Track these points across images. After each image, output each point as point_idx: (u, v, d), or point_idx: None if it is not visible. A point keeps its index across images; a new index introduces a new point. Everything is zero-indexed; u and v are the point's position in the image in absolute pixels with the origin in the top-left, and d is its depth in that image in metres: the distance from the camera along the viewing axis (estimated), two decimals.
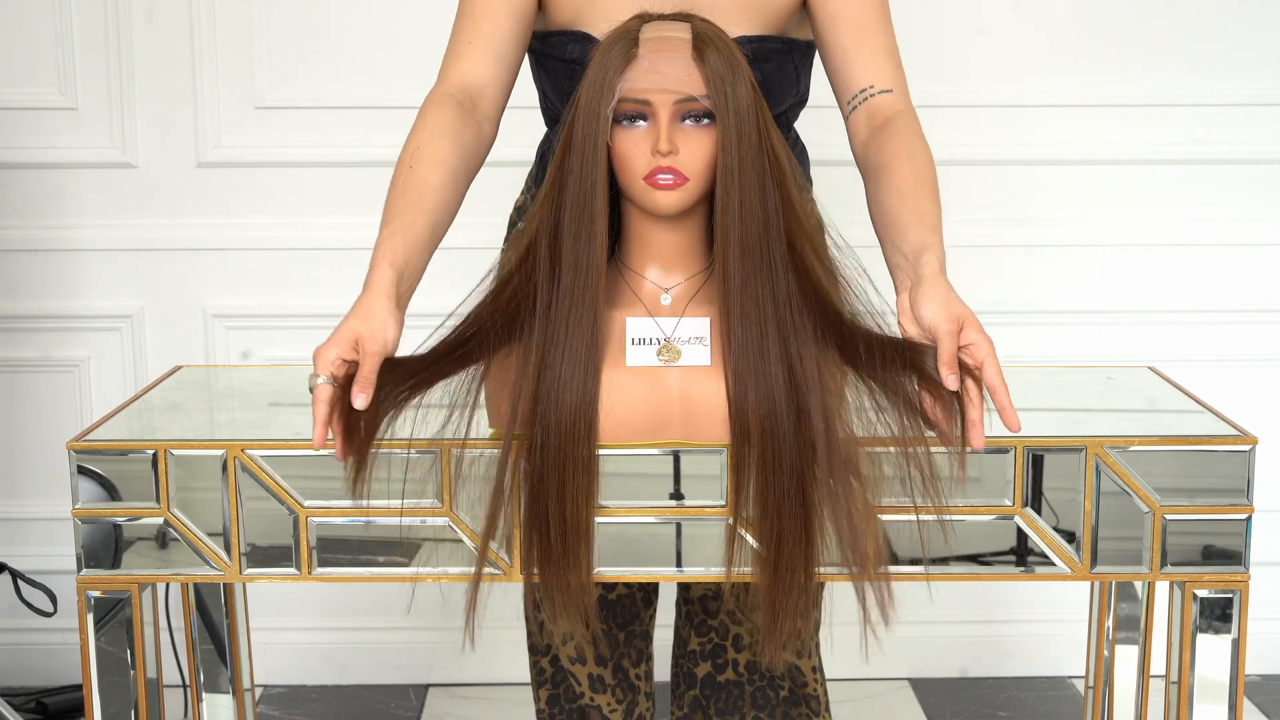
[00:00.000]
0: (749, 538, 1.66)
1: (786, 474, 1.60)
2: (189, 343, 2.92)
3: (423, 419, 1.64)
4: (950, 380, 1.56)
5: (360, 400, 1.57)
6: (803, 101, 2.00)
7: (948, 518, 1.71)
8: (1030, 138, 2.91)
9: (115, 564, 1.75)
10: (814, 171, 2.12)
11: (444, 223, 1.74)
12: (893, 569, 1.73)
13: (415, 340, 2.88)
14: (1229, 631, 1.75)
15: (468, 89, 1.81)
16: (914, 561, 1.73)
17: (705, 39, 1.62)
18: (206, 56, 2.85)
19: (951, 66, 2.88)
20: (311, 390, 1.58)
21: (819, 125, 2.15)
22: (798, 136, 2.05)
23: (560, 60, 1.87)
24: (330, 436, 1.58)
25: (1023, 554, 1.74)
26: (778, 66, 1.89)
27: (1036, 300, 2.95)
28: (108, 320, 2.94)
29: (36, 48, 2.85)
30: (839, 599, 2.91)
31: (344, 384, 1.59)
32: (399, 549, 1.73)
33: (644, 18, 1.66)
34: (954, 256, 2.98)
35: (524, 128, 2.06)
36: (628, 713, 2.13)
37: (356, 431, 1.59)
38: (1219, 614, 1.75)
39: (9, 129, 2.87)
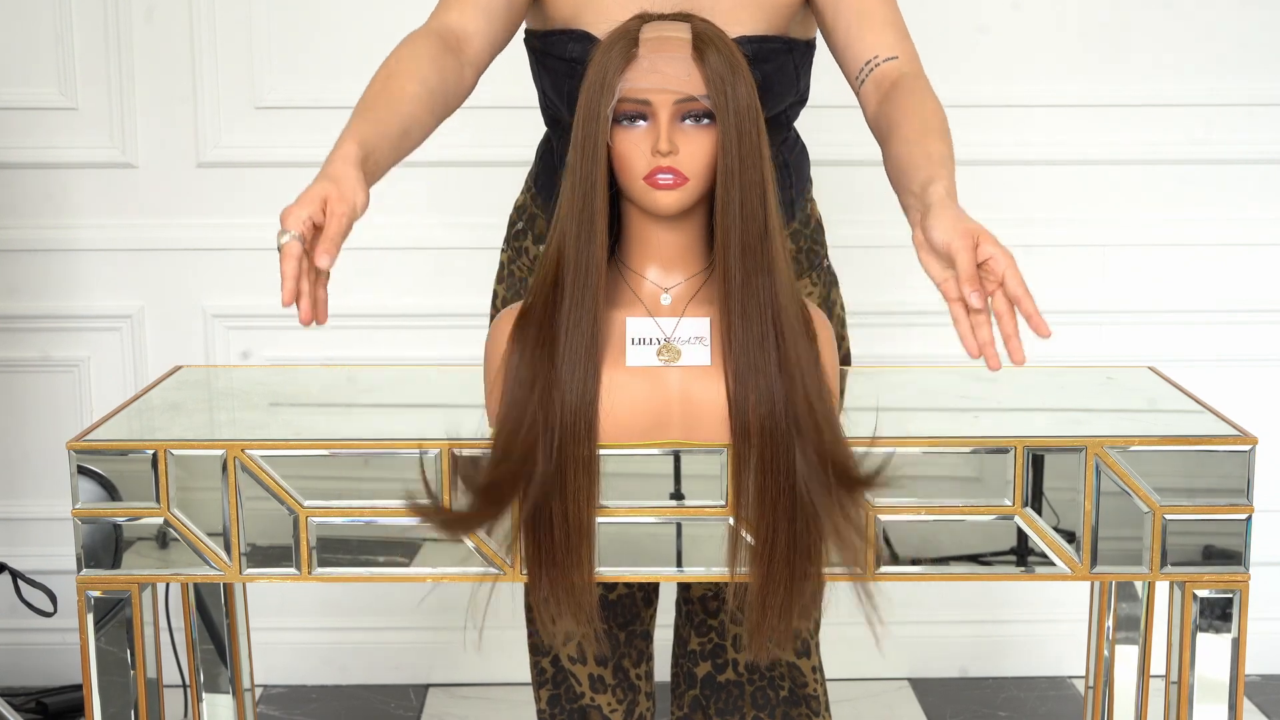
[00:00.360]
0: (749, 537, 1.66)
1: (784, 474, 1.60)
2: (189, 343, 2.92)
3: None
4: (974, 298, 1.53)
5: (324, 260, 1.54)
6: (802, 101, 2.00)
7: (947, 518, 1.71)
8: (1030, 138, 2.91)
9: (115, 564, 1.75)
10: (814, 171, 2.12)
11: (415, 133, 1.71)
12: (893, 569, 1.73)
13: (412, 341, 2.87)
14: (1229, 631, 1.75)
15: (456, 32, 1.81)
16: (914, 561, 1.73)
17: (705, 39, 1.62)
18: (206, 56, 2.85)
19: (951, 66, 2.88)
20: (279, 249, 1.54)
21: (819, 125, 2.15)
22: (798, 136, 2.05)
23: (560, 59, 1.87)
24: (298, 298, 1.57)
25: (1023, 554, 1.74)
26: (778, 66, 1.89)
27: (1037, 300, 2.94)
28: (108, 320, 2.94)
29: (36, 48, 2.85)
30: (839, 599, 2.91)
31: (311, 244, 1.55)
32: (399, 549, 1.73)
33: (644, 17, 1.66)
34: None
35: (524, 128, 2.06)
36: (628, 713, 2.13)
37: (323, 292, 1.57)
38: (1219, 614, 1.75)
39: (9, 129, 2.87)
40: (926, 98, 1.76)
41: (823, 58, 1.98)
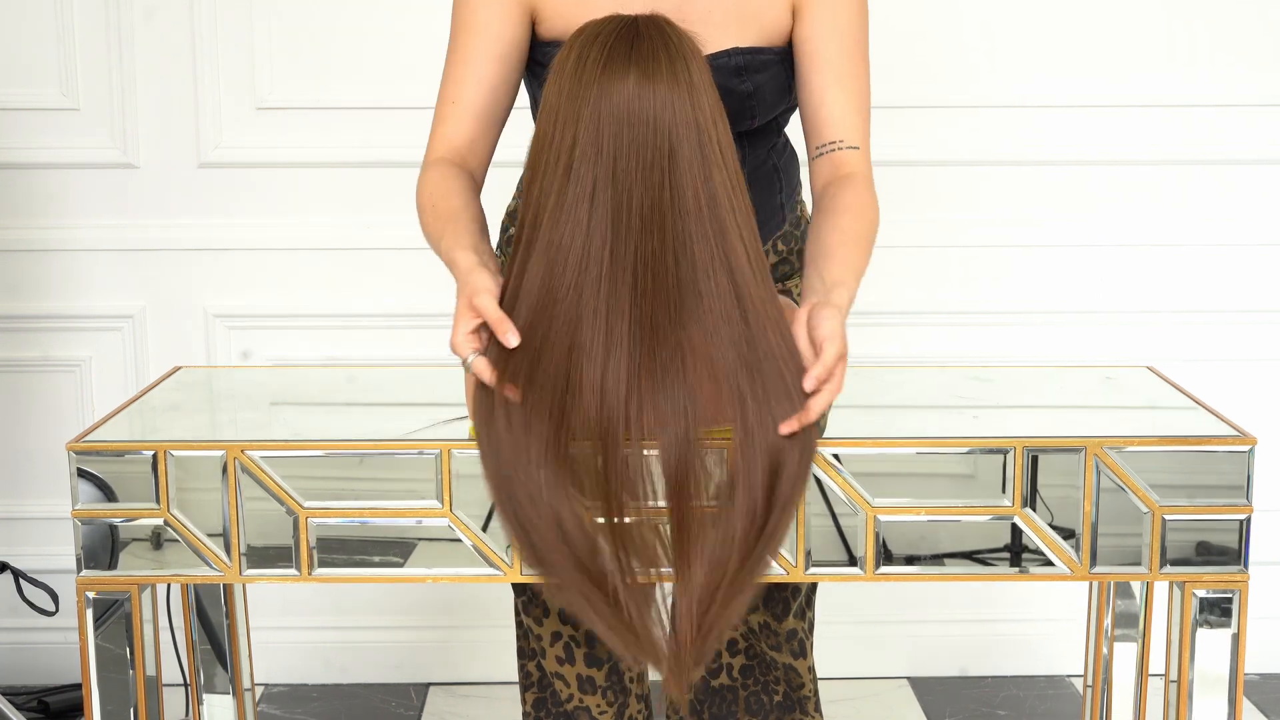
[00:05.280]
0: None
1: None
2: (189, 343, 2.93)
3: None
4: (810, 384, 1.61)
5: (512, 337, 1.61)
6: (794, 107, 2.00)
7: (947, 518, 1.72)
8: (1030, 138, 2.91)
9: (115, 565, 1.75)
10: (804, 174, 2.12)
11: (485, 227, 1.81)
12: (892, 569, 1.73)
13: (412, 341, 2.87)
14: (1228, 631, 1.75)
15: (456, 151, 1.87)
16: (913, 561, 1.73)
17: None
18: (207, 57, 2.85)
19: (951, 66, 2.88)
20: (471, 369, 1.63)
21: None
22: (787, 140, 2.06)
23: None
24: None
25: (1021, 554, 1.74)
26: (770, 77, 1.89)
27: (1036, 300, 2.95)
28: (108, 320, 2.94)
29: (37, 48, 2.85)
30: (836, 599, 2.92)
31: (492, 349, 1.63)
32: (399, 549, 1.73)
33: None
34: (954, 256, 3.00)
35: (519, 129, 2.06)
36: (618, 715, 2.13)
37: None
38: (1218, 613, 1.75)
39: (9, 129, 2.87)
40: (869, 208, 1.85)
41: None
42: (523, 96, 1.99)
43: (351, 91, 2.87)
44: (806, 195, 2.16)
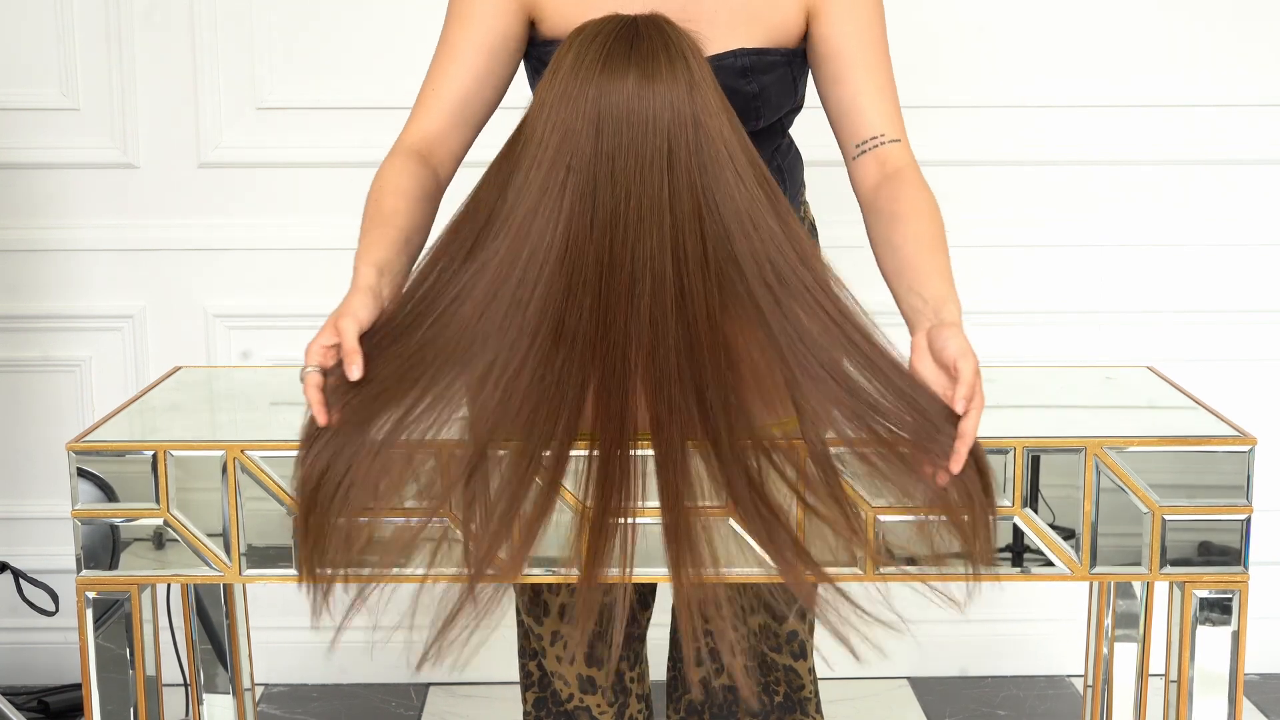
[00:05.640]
0: (743, 532, 1.66)
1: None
2: (189, 343, 2.93)
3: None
4: (960, 406, 1.60)
5: (353, 371, 1.61)
6: (799, 108, 2.00)
7: (946, 518, 1.71)
8: (1030, 138, 2.91)
9: (115, 565, 1.75)
10: (810, 172, 2.12)
11: (416, 239, 1.80)
12: (892, 569, 1.73)
13: None
14: (1228, 631, 1.75)
15: (425, 141, 1.87)
16: (911, 561, 1.73)
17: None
18: (207, 56, 2.85)
19: (952, 66, 2.88)
20: (303, 380, 1.62)
21: (815, 127, 2.15)
22: (792, 141, 2.06)
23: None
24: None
25: (1020, 553, 1.74)
26: (777, 78, 1.89)
27: (1036, 300, 2.95)
28: (108, 320, 2.94)
29: (37, 48, 2.85)
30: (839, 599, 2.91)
31: (336, 369, 1.63)
32: (398, 550, 1.73)
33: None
34: (955, 256, 2.99)
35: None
36: (618, 715, 2.13)
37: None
38: (1218, 614, 1.75)
39: (9, 129, 2.87)
40: (931, 203, 1.83)
41: None
42: (524, 97, 1.98)
43: (351, 91, 2.87)
44: (810, 197, 2.16)
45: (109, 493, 1.74)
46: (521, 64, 1.94)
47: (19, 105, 2.86)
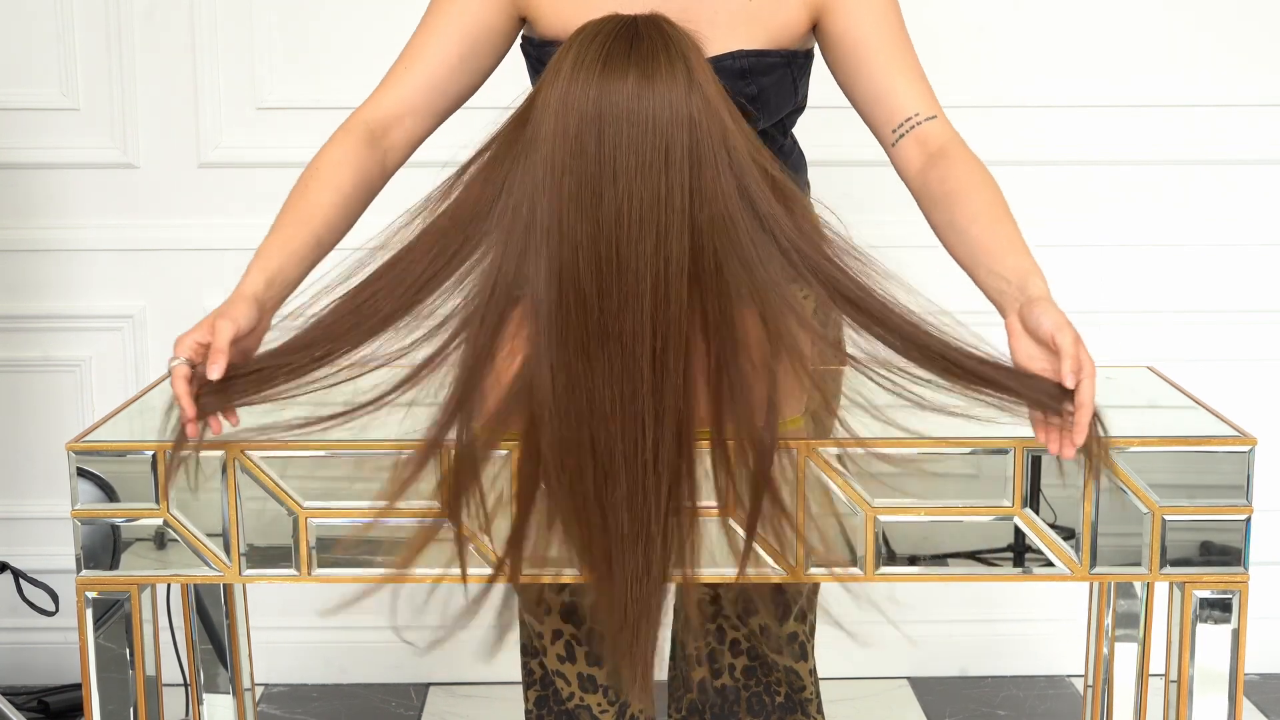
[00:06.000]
0: (741, 533, 1.66)
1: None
2: None
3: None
4: (1072, 379, 1.60)
5: (214, 370, 1.65)
6: (801, 109, 1.99)
7: (946, 518, 1.71)
8: (1031, 138, 2.91)
9: (115, 565, 1.75)
10: (814, 172, 2.12)
11: (328, 241, 1.83)
12: (892, 569, 1.73)
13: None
14: (1228, 631, 1.75)
15: (383, 120, 1.88)
16: (913, 561, 1.73)
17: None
18: (207, 56, 2.85)
19: (952, 66, 2.88)
20: (170, 371, 1.66)
21: (818, 127, 2.15)
22: (795, 143, 2.05)
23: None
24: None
25: (1022, 554, 1.74)
26: (776, 80, 1.89)
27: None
28: (108, 320, 2.94)
29: (37, 48, 2.85)
30: (835, 598, 2.91)
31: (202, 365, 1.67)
32: (399, 549, 1.73)
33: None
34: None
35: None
36: (620, 713, 2.13)
37: (212, 411, 1.67)
38: (1218, 614, 1.75)
39: (9, 129, 2.87)
40: (985, 175, 1.80)
41: (820, 62, 1.98)
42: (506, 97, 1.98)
43: (351, 91, 2.85)
44: (817, 196, 2.16)
45: (109, 493, 1.74)
46: (514, 64, 1.94)
47: (19, 105, 2.86)
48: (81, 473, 1.74)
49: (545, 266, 1.60)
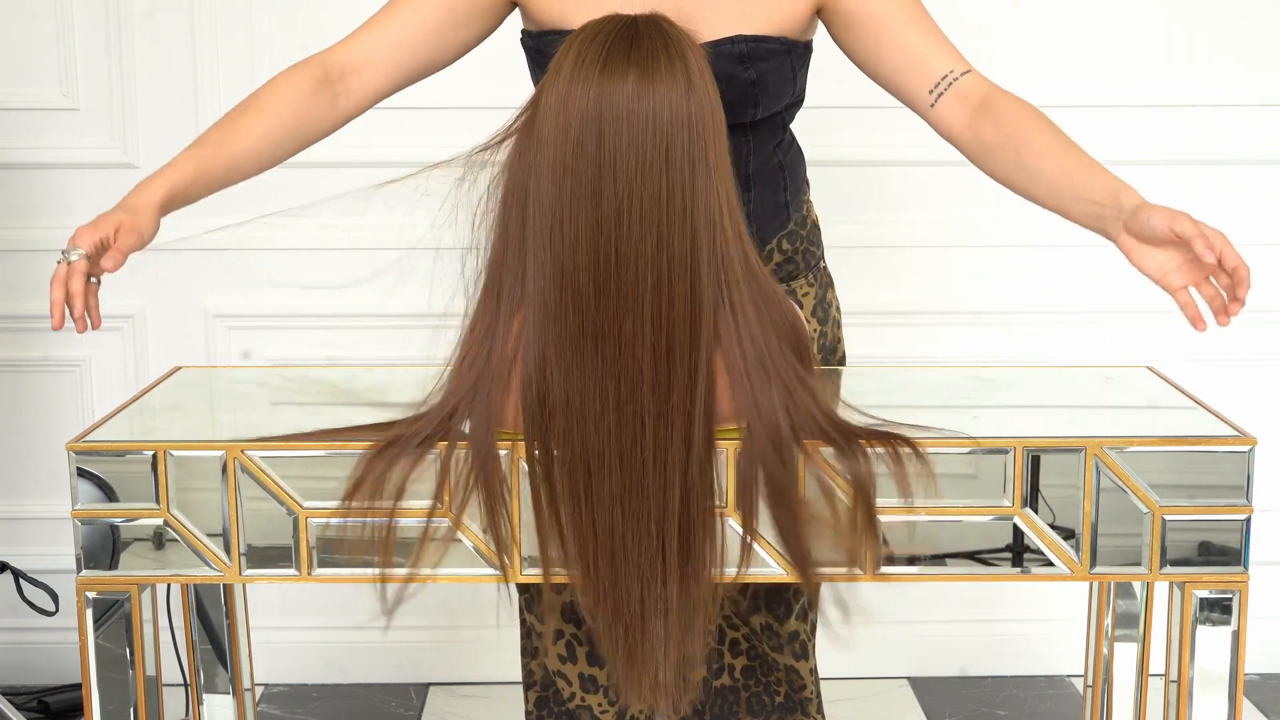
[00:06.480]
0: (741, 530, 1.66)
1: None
2: (189, 343, 2.93)
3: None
4: (1209, 255, 1.63)
5: (109, 264, 1.69)
6: (799, 102, 1.99)
7: (946, 518, 1.71)
8: None
9: (115, 565, 1.75)
10: (814, 172, 2.12)
11: (247, 168, 1.84)
12: (893, 569, 1.73)
13: (412, 341, 2.86)
14: (1228, 631, 1.75)
15: (346, 63, 1.89)
16: (913, 561, 1.73)
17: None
18: (207, 56, 2.85)
19: None
20: (66, 262, 1.68)
21: (818, 127, 2.15)
22: (794, 138, 2.05)
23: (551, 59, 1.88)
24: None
25: (1022, 554, 1.74)
26: (775, 66, 1.89)
27: (1037, 300, 2.95)
28: (108, 320, 2.93)
29: (37, 48, 2.85)
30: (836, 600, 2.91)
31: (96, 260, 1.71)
32: (399, 550, 1.73)
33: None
34: (955, 256, 2.99)
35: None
36: (620, 714, 2.13)
37: (94, 301, 1.72)
38: (1218, 614, 1.75)
39: (9, 129, 2.87)
40: (1035, 111, 1.80)
41: (819, 59, 1.98)
42: (526, 95, 1.99)
43: None
44: (814, 196, 2.16)
45: (109, 493, 1.74)
46: (515, 63, 1.95)
47: (19, 105, 2.86)
48: (81, 473, 1.74)
49: (546, 265, 1.60)
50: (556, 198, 1.60)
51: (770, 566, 1.71)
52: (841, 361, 2.11)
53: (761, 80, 1.88)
